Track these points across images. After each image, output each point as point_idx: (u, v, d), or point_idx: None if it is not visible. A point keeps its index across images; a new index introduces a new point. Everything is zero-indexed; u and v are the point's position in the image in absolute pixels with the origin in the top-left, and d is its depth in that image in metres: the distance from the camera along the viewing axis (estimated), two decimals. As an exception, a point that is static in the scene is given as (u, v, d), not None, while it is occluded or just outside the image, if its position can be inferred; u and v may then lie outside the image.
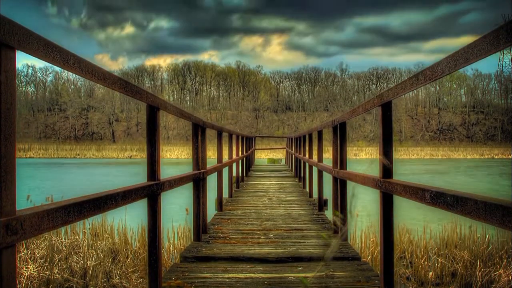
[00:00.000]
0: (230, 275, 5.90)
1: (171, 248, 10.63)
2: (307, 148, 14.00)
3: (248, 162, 22.58)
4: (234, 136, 15.75)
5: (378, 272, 6.19)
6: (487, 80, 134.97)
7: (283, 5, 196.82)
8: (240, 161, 17.32)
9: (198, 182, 7.67)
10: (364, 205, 15.27)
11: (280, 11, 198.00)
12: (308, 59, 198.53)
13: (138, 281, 8.57)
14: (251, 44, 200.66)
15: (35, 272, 8.41)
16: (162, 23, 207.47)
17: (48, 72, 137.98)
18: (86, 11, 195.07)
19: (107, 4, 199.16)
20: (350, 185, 7.22)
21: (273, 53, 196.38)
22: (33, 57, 2.54)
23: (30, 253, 9.43)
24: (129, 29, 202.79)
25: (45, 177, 36.95)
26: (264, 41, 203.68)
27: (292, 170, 24.49)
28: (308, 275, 5.88)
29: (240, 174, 17.17)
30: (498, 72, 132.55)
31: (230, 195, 13.70)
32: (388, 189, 4.59)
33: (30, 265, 8.61)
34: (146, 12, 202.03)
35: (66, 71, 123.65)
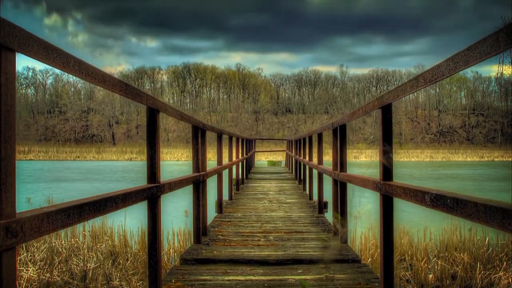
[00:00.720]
0: (230, 278, 5.90)
1: (171, 251, 10.63)
2: (307, 150, 14.00)
3: (248, 165, 22.60)
4: (234, 139, 15.75)
5: (378, 274, 6.18)
6: (487, 83, 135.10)
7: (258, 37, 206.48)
8: (240, 164, 17.31)
9: (198, 184, 7.66)
10: (365, 206, 15.26)
11: (255, 39, 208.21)
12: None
13: (138, 284, 8.57)
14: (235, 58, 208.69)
15: (35, 274, 8.41)
16: (152, 43, 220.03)
17: (48, 75, 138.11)
18: (86, 35, 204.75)
19: (104, 31, 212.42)
20: (350, 187, 7.23)
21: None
22: (33, 60, 2.54)
23: (30, 255, 9.43)
24: (125, 50, 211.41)
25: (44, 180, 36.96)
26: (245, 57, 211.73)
27: (292, 173, 24.49)
28: (308, 277, 5.88)
29: (240, 177, 17.17)
30: (498, 75, 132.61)
31: (230, 198, 13.70)
32: (388, 192, 4.58)
33: (30, 268, 8.61)
34: (139, 35, 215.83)
35: (66, 74, 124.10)
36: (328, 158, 16.06)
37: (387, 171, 4.76)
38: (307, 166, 14.61)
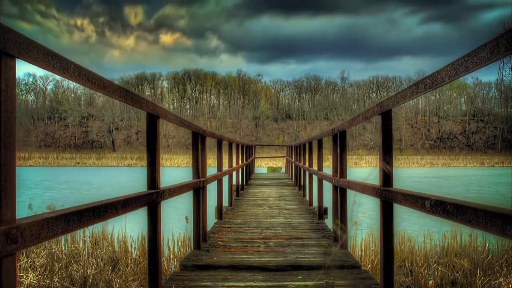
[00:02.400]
0: (230, 284, 5.88)
1: (171, 257, 10.61)
2: (307, 156, 13.99)
3: (248, 171, 22.57)
4: (234, 145, 15.73)
5: (378, 280, 6.18)
6: (487, 89, 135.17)
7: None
8: (240, 170, 17.30)
9: (198, 190, 7.66)
10: (366, 211, 15.25)
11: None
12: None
13: (138, 290, 8.56)
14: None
15: (35, 280, 8.40)
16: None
17: (48, 81, 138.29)
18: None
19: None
20: (351, 193, 7.22)
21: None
22: (34, 65, 2.54)
23: (30, 261, 9.43)
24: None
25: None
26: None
27: (292, 179, 24.47)
28: (308, 283, 5.87)
29: (240, 183, 17.15)
30: (498, 81, 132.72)
31: (230, 204, 13.69)
32: (388, 198, 4.58)
33: (30, 274, 8.60)
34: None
35: (66, 80, 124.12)
36: (328, 164, 16.07)
37: (387, 177, 4.76)
38: (307, 172, 14.60)
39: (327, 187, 9.38)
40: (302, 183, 17.13)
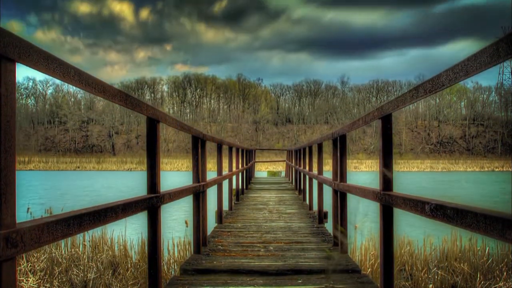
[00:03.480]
0: (230, 288, 5.88)
1: (171, 261, 10.60)
2: (307, 160, 13.97)
3: (248, 175, 22.55)
4: (234, 149, 15.72)
5: (378, 284, 6.17)
6: (487, 93, 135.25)
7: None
8: (240, 174, 17.30)
9: (198, 195, 7.65)
10: (368, 214, 15.23)
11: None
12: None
13: (138, 294, 8.56)
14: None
15: (35, 285, 8.40)
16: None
17: (48, 85, 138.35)
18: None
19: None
20: (357, 200, 7.22)
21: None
22: (34, 70, 2.54)
23: (30, 265, 9.42)
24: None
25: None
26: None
27: (292, 183, 24.46)
28: (308, 287, 5.86)
29: (240, 187, 17.14)
30: (498, 85, 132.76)
31: (230, 208, 13.68)
32: (388, 202, 4.58)
33: (30, 278, 8.60)
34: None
35: (66, 84, 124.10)
36: (328, 168, 16.05)
37: (387, 181, 4.76)
38: (307, 176, 14.58)
39: (327, 191, 9.37)
40: (302, 187, 17.11)
